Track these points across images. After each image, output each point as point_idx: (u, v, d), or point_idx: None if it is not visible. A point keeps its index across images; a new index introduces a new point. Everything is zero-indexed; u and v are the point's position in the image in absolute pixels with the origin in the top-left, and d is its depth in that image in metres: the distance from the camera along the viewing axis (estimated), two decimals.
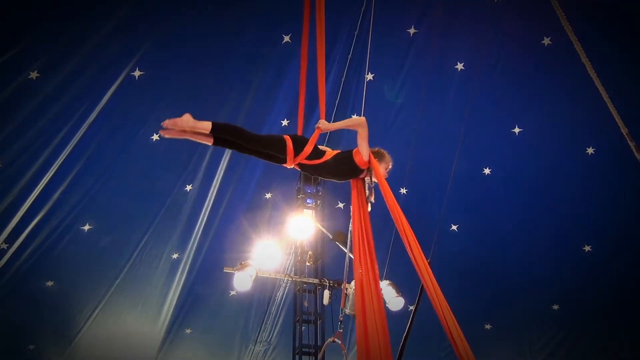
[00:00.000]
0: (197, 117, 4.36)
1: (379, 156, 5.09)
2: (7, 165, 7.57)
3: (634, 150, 5.04)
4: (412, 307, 7.50)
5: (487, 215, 10.00)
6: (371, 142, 4.92)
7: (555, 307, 10.46)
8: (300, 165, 5.01)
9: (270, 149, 4.88)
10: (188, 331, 10.46)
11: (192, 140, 4.50)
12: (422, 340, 10.31)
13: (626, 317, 10.30)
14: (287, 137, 4.87)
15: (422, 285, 5.16)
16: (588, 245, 9.84)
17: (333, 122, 6.66)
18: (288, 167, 4.97)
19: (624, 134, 5.00)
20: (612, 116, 4.92)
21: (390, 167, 5.17)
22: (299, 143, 4.89)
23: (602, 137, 8.92)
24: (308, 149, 4.86)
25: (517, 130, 9.24)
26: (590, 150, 9.19)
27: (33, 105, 7.41)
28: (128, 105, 8.17)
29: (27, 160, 7.63)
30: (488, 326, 10.83)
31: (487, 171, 9.59)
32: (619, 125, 4.92)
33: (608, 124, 6.10)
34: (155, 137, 8.46)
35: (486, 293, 10.52)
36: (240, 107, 8.78)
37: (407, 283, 9.21)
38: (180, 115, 4.36)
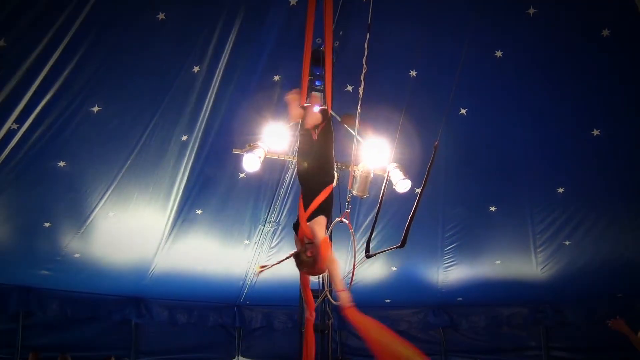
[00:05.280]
0: None
1: None
2: (12, 45, 7.34)
3: None
4: (418, 190, 7.60)
5: (497, 99, 9.92)
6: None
7: (560, 190, 10.57)
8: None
9: None
10: (199, 212, 10.70)
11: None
12: (427, 221, 10.58)
13: (632, 199, 10.42)
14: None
15: (429, 168, 5.23)
16: (597, 130, 9.79)
17: None
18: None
19: None
20: None
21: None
22: None
23: (619, 19, 8.64)
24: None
25: (531, 11, 8.95)
26: (605, 32, 8.92)
27: None
28: None
29: (32, 39, 7.41)
30: (493, 208, 11.01)
31: (499, 54, 9.39)
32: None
33: (625, 5, 5.96)
34: (160, 16, 8.28)
35: (492, 176, 10.62)
36: None
37: (413, 166, 9.33)
38: None
